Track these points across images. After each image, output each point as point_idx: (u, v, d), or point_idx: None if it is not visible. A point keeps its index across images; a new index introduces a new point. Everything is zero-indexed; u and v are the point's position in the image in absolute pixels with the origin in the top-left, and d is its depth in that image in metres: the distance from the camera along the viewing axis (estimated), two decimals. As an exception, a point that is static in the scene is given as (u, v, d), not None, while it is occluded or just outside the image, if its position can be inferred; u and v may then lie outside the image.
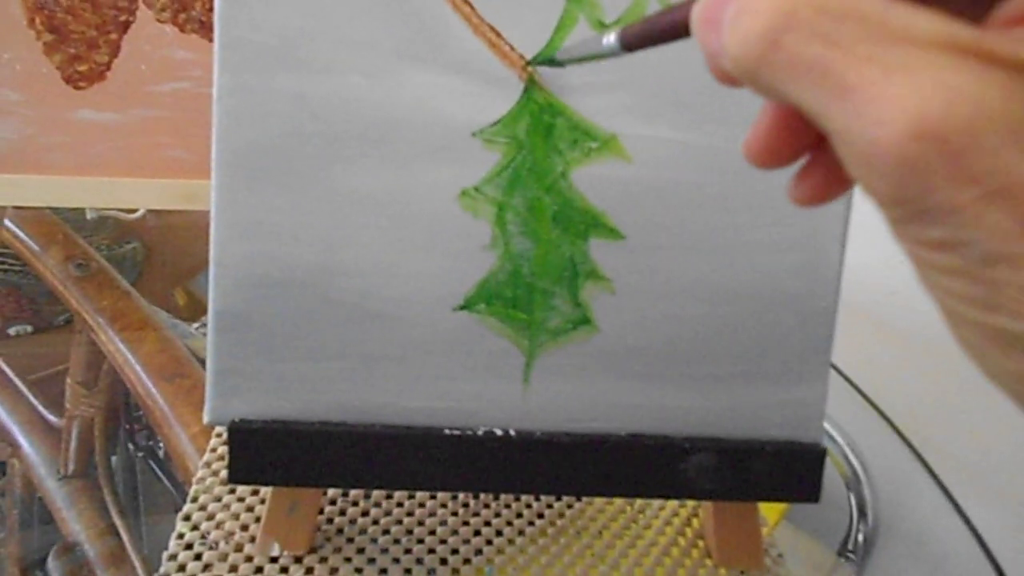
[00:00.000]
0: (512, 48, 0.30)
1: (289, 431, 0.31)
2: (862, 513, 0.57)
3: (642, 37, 0.19)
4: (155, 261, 0.94)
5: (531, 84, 0.30)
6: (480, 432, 0.32)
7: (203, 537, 0.34)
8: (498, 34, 0.30)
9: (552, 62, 0.29)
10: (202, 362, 0.57)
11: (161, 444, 0.66)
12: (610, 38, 0.20)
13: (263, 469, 0.31)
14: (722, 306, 0.32)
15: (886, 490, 0.58)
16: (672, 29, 0.17)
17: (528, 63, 0.30)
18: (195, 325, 0.74)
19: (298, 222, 0.30)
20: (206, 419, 0.31)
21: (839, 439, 0.61)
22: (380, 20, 0.29)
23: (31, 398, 0.70)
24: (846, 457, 0.60)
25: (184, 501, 0.64)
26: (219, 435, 0.40)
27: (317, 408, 0.31)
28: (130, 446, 0.68)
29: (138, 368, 0.48)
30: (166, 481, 0.66)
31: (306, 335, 0.31)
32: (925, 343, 0.68)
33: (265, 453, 0.31)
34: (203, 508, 0.36)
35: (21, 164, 0.50)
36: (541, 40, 0.30)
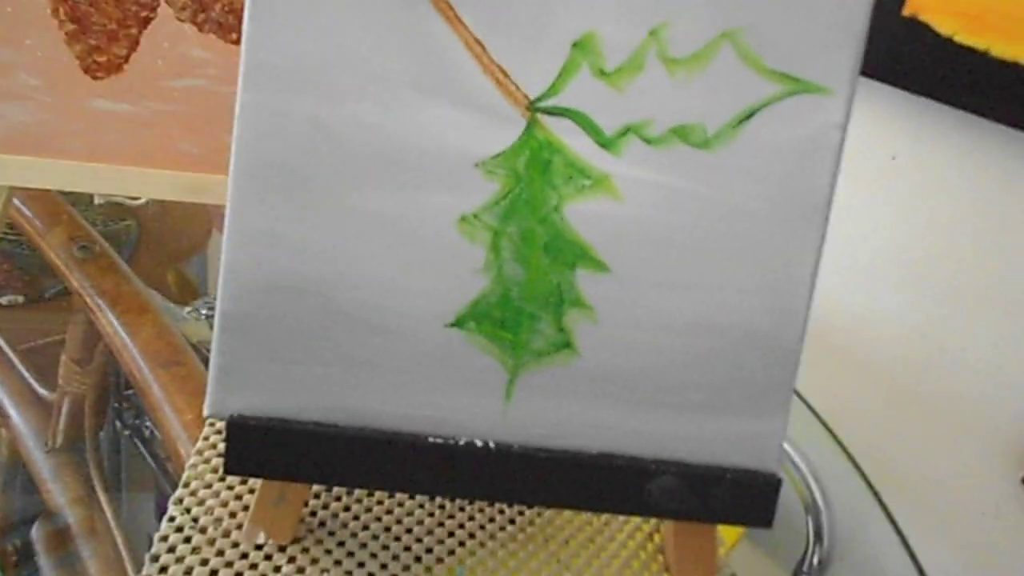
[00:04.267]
0: (518, 88, 0.32)
1: (284, 429, 0.33)
2: (818, 538, 0.60)
3: None
4: (149, 241, 0.96)
5: (533, 122, 0.32)
6: (462, 442, 0.34)
7: (193, 521, 0.36)
8: (506, 74, 0.32)
9: None
10: (194, 348, 0.59)
11: (148, 424, 0.68)
12: None
13: (257, 462, 0.33)
14: (695, 339, 0.34)
15: (843, 517, 0.61)
16: None
17: (531, 103, 0.32)
18: (187, 309, 0.76)
19: (306, 235, 0.32)
20: (206, 412, 0.33)
21: (802, 466, 0.63)
22: (396, 54, 0.31)
23: (22, 369, 0.71)
24: (807, 483, 0.62)
25: (165, 479, 0.65)
26: (211, 424, 0.42)
27: (312, 409, 0.33)
28: (117, 423, 0.69)
29: (135, 353, 0.50)
30: (150, 460, 0.68)
31: (306, 340, 0.33)
32: (890, 375, 0.71)
33: (260, 448, 0.33)
34: (194, 494, 0.38)
35: (35, 147, 0.52)
36: (546, 82, 0.32)
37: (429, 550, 0.38)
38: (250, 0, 0.31)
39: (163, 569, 0.34)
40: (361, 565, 0.36)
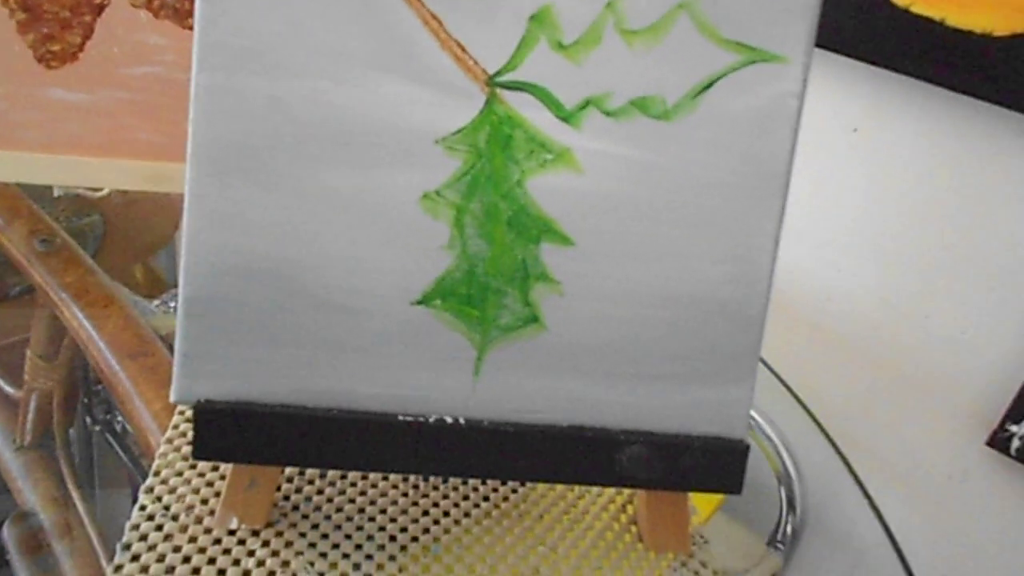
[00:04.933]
0: (476, 63, 0.32)
1: (252, 412, 0.33)
2: (791, 507, 0.61)
3: None
4: (115, 235, 0.94)
5: (492, 97, 0.32)
6: (432, 419, 0.34)
7: (165, 509, 0.36)
8: (463, 49, 0.32)
9: None
10: (163, 340, 0.58)
11: (119, 418, 0.67)
12: None
13: (226, 447, 0.33)
14: (660, 310, 0.35)
15: (814, 486, 0.62)
16: None
17: (490, 77, 0.32)
18: (155, 302, 0.75)
19: (267, 216, 0.32)
20: (173, 398, 0.33)
21: (774, 437, 0.64)
22: (353, 31, 0.31)
23: (-13, 369, 0.70)
24: (779, 454, 0.63)
25: (139, 474, 0.65)
26: (181, 412, 0.42)
27: (279, 391, 0.33)
28: (87, 419, 0.69)
29: (102, 345, 0.49)
30: (122, 455, 0.68)
31: (271, 323, 0.33)
32: (859, 348, 0.72)
33: (228, 432, 0.33)
34: (165, 482, 0.38)
35: (-10, 139, 0.51)
36: (504, 57, 0.32)
37: (404, 529, 0.38)
38: (202, -21, 0.30)
39: (135, 558, 0.34)
40: (336, 547, 0.36)
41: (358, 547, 0.37)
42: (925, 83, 0.61)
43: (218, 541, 0.35)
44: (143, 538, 0.35)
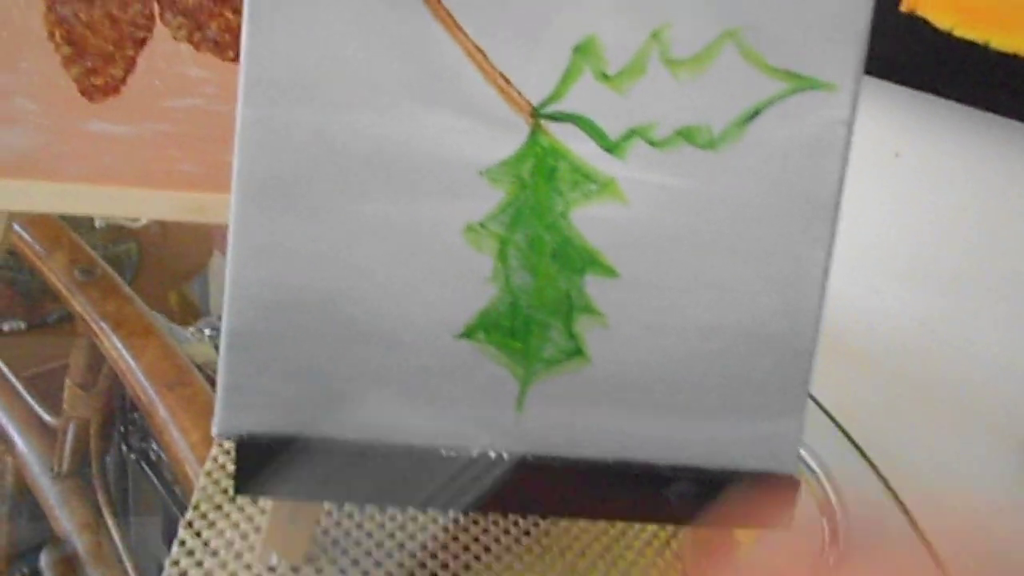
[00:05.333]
0: (520, 94, 0.32)
1: (295, 447, 0.32)
2: (834, 539, 0.59)
3: None
4: (150, 262, 0.96)
5: (537, 128, 0.32)
6: (475, 454, 0.33)
7: (205, 545, 0.36)
8: (508, 81, 0.32)
9: None
10: (199, 368, 0.58)
11: (154, 447, 0.67)
12: None
13: (268, 482, 0.33)
14: (707, 343, 0.34)
15: (858, 517, 0.60)
16: None
17: (535, 109, 0.32)
18: (190, 329, 0.76)
19: (312, 248, 0.32)
20: (215, 431, 0.33)
21: (816, 467, 0.63)
22: (396, 63, 0.31)
23: (26, 395, 0.71)
24: (821, 485, 0.62)
25: (173, 502, 0.65)
26: (220, 445, 0.42)
27: (322, 425, 0.33)
28: (123, 447, 0.69)
29: (140, 375, 0.50)
30: (157, 484, 0.68)
31: (314, 355, 0.32)
32: (902, 375, 0.70)
33: (271, 467, 0.32)
34: (204, 516, 0.37)
35: (34, 171, 0.51)
36: (548, 88, 0.32)
37: (445, 565, 0.37)
38: (248, 15, 0.31)
39: (175, 593, 0.34)
40: (376, 583, 0.36)
41: (399, 583, 0.36)
42: (969, 107, 0.60)
43: (258, 577, 0.35)
44: (183, 574, 0.35)
